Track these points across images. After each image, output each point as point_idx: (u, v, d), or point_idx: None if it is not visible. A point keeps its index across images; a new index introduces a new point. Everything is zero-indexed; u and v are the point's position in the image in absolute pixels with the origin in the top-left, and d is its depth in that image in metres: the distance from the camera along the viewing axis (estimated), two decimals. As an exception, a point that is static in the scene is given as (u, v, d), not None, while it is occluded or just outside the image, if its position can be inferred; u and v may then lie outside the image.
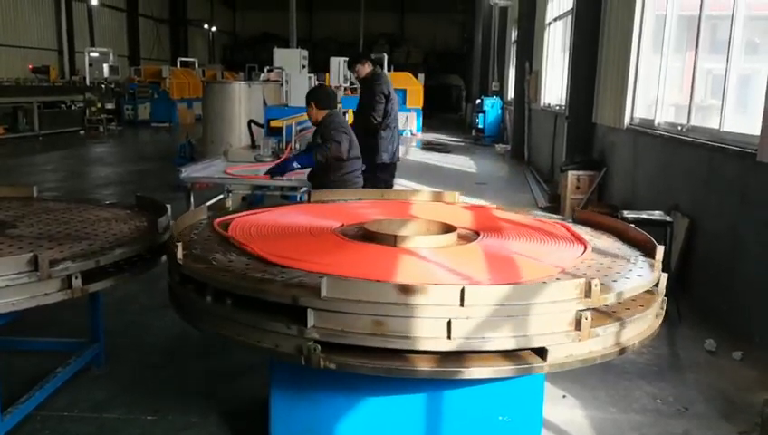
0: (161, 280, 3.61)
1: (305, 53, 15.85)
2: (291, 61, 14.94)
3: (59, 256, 2.86)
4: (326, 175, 5.05)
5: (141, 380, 3.88)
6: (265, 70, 13.88)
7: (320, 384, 2.78)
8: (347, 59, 14.16)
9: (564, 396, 3.71)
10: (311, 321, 2.27)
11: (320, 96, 5.16)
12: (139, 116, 23.36)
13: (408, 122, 19.98)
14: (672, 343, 4.61)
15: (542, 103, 13.84)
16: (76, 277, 2.79)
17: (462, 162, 15.27)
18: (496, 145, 17.69)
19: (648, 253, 2.99)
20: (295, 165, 5.16)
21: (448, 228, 3.27)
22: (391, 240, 2.98)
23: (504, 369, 2.28)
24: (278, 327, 2.33)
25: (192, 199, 5.13)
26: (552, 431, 3.37)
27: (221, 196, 6.74)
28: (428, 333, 2.23)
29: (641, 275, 2.71)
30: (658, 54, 7.08)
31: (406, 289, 2.21)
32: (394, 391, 2.72)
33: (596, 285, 2.31)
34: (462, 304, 2.20)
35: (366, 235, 3.14)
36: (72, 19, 26.61)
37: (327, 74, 16.66)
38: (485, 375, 2.29)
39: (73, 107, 20.17)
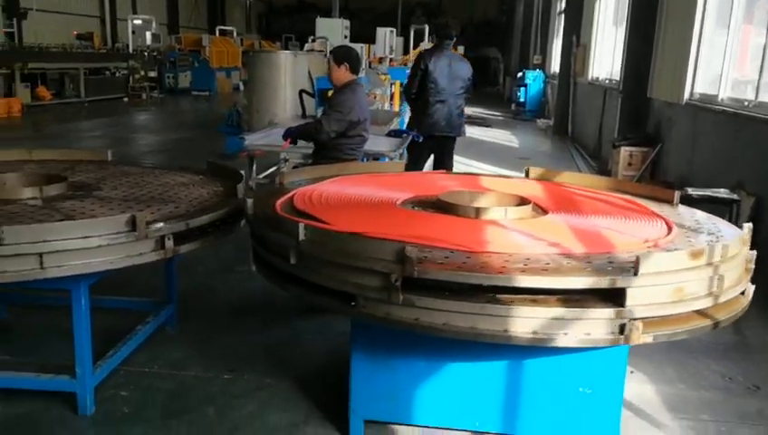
0: (223, 245, 3.70)
1: (347, 22, 15.77)
2: (332, 30, 14.90)
3: (150, 217, 2.94)
4: (319, 150, 4.84)
5: (213, 340, 3.99)
6: (309, 40, 13.84)
7: (400, 349, 2.84)
8: (392, 29, 14.05)
9: (632, 371, 3.72)
10: (631, 299, 2.26)
11: (351, 56, 4.70)
12: (180, 84, 23.53)
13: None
14: (737, 322, 4.56)
15: (589, 77, 13.60)
16: (168, 238, 2.87)
17: (503, 136, 15.14)
18: (538, 120, 17.48)
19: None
20: (288, 133, 4.89)
21: (522, 201, 3.28)
22: (472, 212, 3.00)
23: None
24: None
25: (254, 166, 5.19)
26: (624, 406, 3.38)
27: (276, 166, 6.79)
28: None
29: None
30: (723, 27, 6.89)
31: (695, 254, 2.34)
32: (476, 356, 2.76)
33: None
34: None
35: (441, 207, 3.15)
36: (114, -14, 26.81)
37: (368, 45, 16.58)
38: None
39: (117, 74, 20.42)
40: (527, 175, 4.20)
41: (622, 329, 2.29)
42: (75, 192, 3.41)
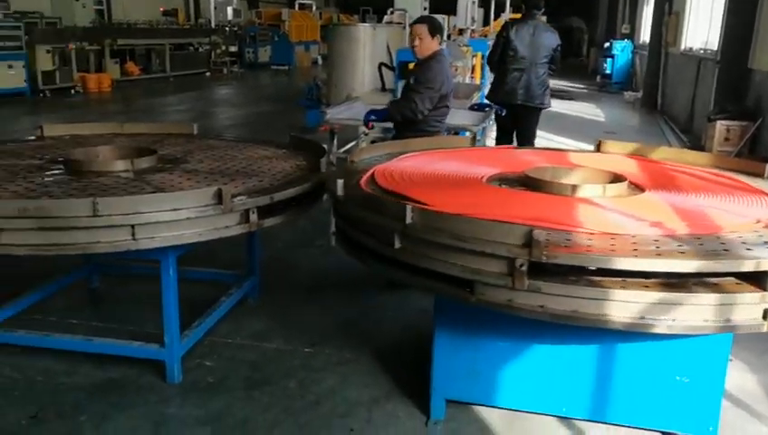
0: (299, 219, 3.68)
1: (427, -6, 15.51)
2: (411, 2, 14.69)
3: (235, 190, 2.96)
4: (403, 124, 4.49)
5: (294, 313, 4.02)
6: (388, 12, 13.69)
7: (485, 328, 2.76)
8: (474, 0, 13.69)
9: (731, 360, 3.50)
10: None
11: (435, 24, 4.40)
12: (260, 59, 23.91)
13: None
14: None
15: (682, 47, 12.88)
16: (253, 212, 2.88)
17: (587, 110, 14.60)
18: (625, 92, 16.75)
19: None
20: (370, 117, 4.53)
21: (616, 177, 3.11)
22: (568, 190, 2.85)
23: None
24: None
25: (335, 140, 5.17)
26: (724, 397, 3.19)
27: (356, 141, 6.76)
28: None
29: None
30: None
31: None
32: (567, 339, 2.65)
33: None
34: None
35: (530, 184, 3.02)
36: (197, -38, 27.37)
37: (448, 16, 16.28)
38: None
39: (200, 49, 20.91)
40: (598, 148, 4.03)
41: (765, 314, 2.13)
42: (164, 165, 3.48)
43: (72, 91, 14.99)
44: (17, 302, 3.65)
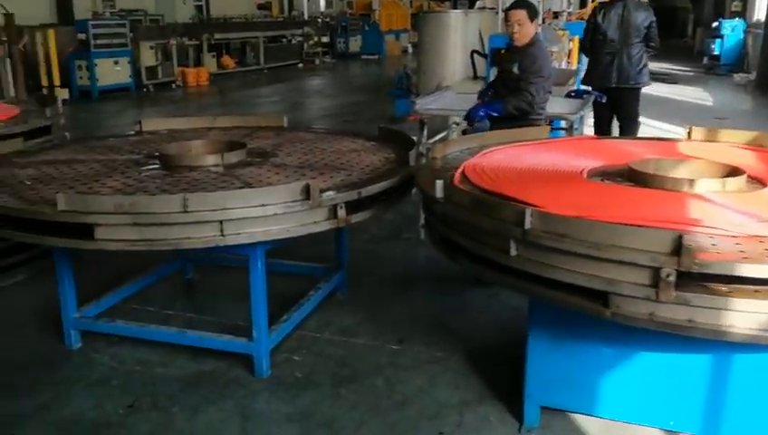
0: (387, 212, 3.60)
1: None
2: (505, -13, 14.29)
3: (323, 185, 2.91)
4: (508, 119, 4.14)
5: (382, 308, 3.95)
6: (481, -3, 13.39)
7: (585, 332, 2.58)
8: (570, -19, 13.12)
9: None
10: None
11: (533, 8, 4.17)
12: (350, 48, 24.05)
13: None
14: None
15: (801, 25, 11.87)
16: (341, 207, 2.82)
17: (693, 94, 13.74)
18: (735, 75, 15.66)
19: None
20: (481, 113, 4.15)
21: (734, 170, 2.83)
22: (685, 185, 2.61)
23: None
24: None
25: (425, 131, 5.06)
26: None
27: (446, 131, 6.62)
28: None
29: None
30: None
31: None
32: (678, 348, 2.43)
33: None
34: None
35: (637, 178, 2.79)
36: (290, -45, 27.82)
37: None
38: None
39: (293, 41, 21.28)
40: (689, 136, 3.72)
41: None
42: (253, 159, 3.49)
43: (173, 86, 15.60)
44: (118, 291, 3.78)
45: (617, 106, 6.53)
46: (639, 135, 6.46)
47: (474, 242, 2.46)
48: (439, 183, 2.60)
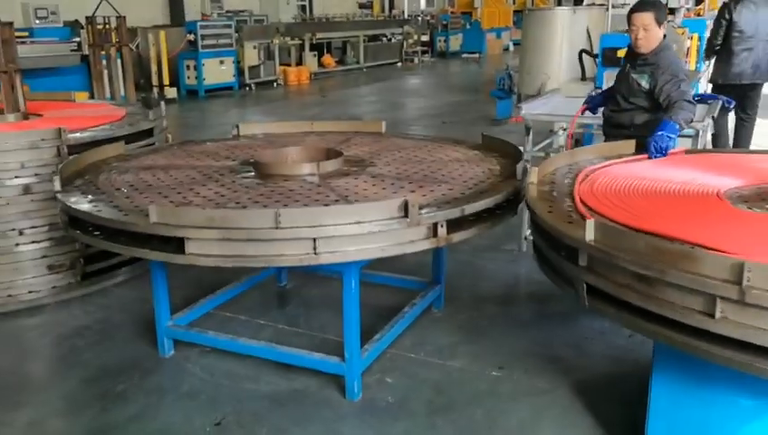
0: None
1: (633, -29, 14.26)
2: (615, -19, 13.58)
3: (423, 200, 2.70)
4: (644, 131, 3.61)
5: (480, 328, 3.70)
6: (590, -8, 12.74)
7: (720, 381, 2.23)
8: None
9: None
10: None
11: (662, 9, 3.68)
12: (451, 47, 23.74)
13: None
14: None
15: None
16: (442, 225, 2.60)
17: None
18: None
19: None
20: (669, 143, 3.34)
21: None
22: None
23: None
24: None
25: (530, 137, 4.74)
26: None
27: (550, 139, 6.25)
28: None
29: None
30: None
31: None
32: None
33: None
34: None
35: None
36: (393, -46, 27.84)
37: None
38: None
39: (392, 40, 21.22)
40: None
41: None
42: (350, 168, 3.32)
43: (275, 84, 15.88)
44: (212, 299, 3.73)
45: (740, 102, 6.43)
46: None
47: (646, 298, 2.05)
48: (591, 224, 2.18)
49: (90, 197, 2.85)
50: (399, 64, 20.90)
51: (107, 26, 7.92)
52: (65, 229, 2.87)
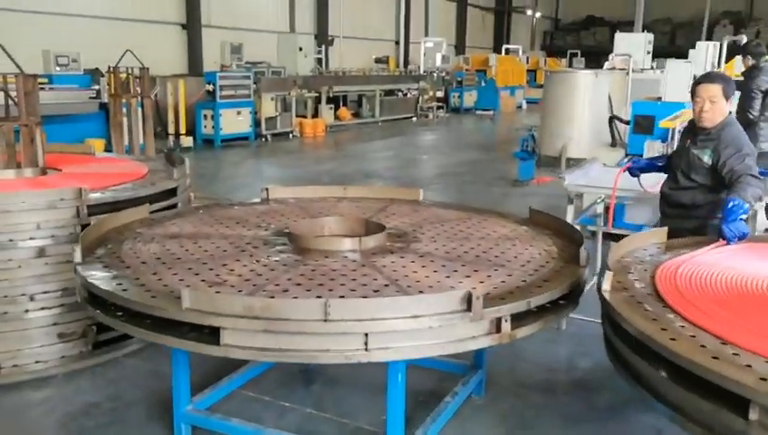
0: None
1: (650, 36, 14.32)
2: (633, 46, 13.62)
3: (482, 288, 2.43)
4: (707, 211, 3.48)
5: (527, 421, 3.39)
6: (610, 57, 12.73)
7: None
8: (716, 43, 12.29)
9: None
10: None
11: (731, 83, 3.51)
12: (465, 103, 23.84)
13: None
14: None
15: None
16: (506, 320, 2.32)
17: None
18: None
19: None
20: (742, 229, 3.01)
21: None
22: None
23: None
24: None
25: (573, 208, 4.50)
26: None
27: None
28: None
29: None
30: None
31: None
32: None
33: None
34: None
35: None
36: (409, 11, 28.28)
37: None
38: None
39: (408, 95, 21.30)
40: None
41: None
42: (393, 243, 3.07)
43: (290, 136, 15.81)
44: (234, 379, 3.43)
45: None
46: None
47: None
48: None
49: (113, 272, 2.59)
50: (414, 119, 20.92)
51: (129, 76, 7.80)
52: (84, 306, 2.60)
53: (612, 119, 7.68)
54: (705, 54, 11.36)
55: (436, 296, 2.24)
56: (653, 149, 5.60)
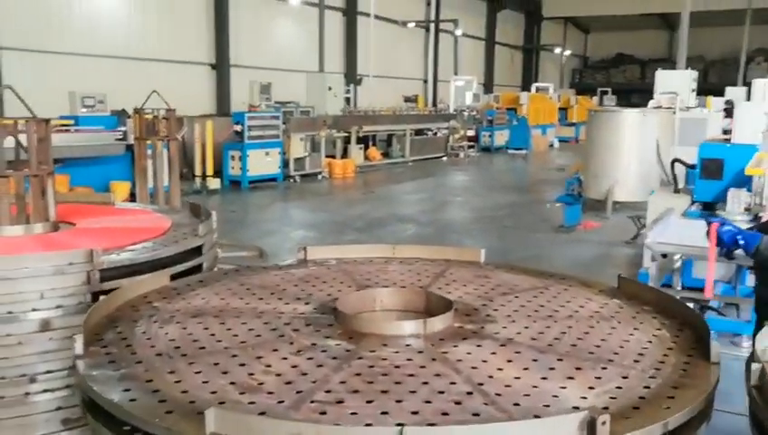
0: None
1: (695, 74, 13.80)
2: (678, 84, 13.08)
3: (594, 398, 1.86)
4: None
5: None
6: (656, 95, 12.17)
7: None
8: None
9: None
10: None
11: None
12: (496, 142, 23.40)
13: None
14: None
15: None
16: (634, 448, 1.73)
17: None
18: None
19: None
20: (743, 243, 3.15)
21: None
22: None
23: None
24: None
25: (656, 271, 3.89)
26: None
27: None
28: None
29: None
30: None
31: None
32: None
33: None
34: None
35: None
36: (437, 49, 28.13)
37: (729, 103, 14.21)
38: None
39: (438, 134, 20.93)
40: None
41: None
42: (464, 324, 2.50)
43: (319, 177, 15.45)
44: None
45: None
46: None
47: None
48: None
49: (121, 369, 2.06)
50: (445, 159, 20.52)
51: (156, 117, 7.43)
52: (83, 414, 2.06)
53: (674, 162, 7.07)
54: (764, 91, 10.66)
55: (546, 422, 1.66)
56: (738, 199, 4.95)
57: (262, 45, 20.30)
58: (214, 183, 13.15)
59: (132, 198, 9.83)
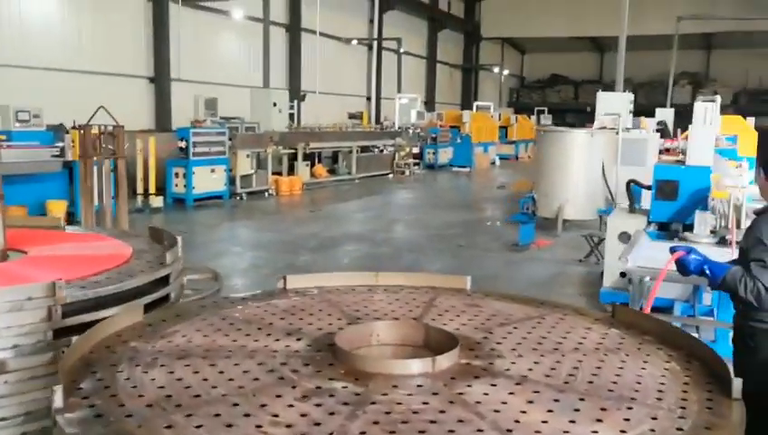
0: None
1: (631, 96, 14.26)
2: (617, 105, 13.49)
3: (632, 446, 1.75)
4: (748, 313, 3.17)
5: None
6: (599, 116, 12.47)
7: None
8: (714, 101, 12.14)
9: None
10: None
11: None
12: (440, 160, 23.57)
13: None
14: None
15: None
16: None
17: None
18: None
19: None
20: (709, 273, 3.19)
21: None
22: None
23: None
24: None
25: (639, 296, 3.87)
26: None
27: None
28: None
29: None
30: None
31: None
32: None
33: None
34: None
35: None
36: (381, 67, 28.22)
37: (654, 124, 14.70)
38: None
39: (384, 151, 20.90)
40: None
41: None
42: (471, 361, 2.37)
43: (266, 194, 15.12)
44: None
45: None
46: None
47: None
48: None
49: (111, 425, 1.83)
50: (391, 176, 20.49)
51: (102, 133, 7.07)
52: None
53: (630, 183, 7.18)
54: (704, 114, 11.01)
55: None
56: (704, 222, 5.00)
57: (204, 59, 19.82)
58: (156, 201, 12.67)
59: (69, 217, 9.32)
